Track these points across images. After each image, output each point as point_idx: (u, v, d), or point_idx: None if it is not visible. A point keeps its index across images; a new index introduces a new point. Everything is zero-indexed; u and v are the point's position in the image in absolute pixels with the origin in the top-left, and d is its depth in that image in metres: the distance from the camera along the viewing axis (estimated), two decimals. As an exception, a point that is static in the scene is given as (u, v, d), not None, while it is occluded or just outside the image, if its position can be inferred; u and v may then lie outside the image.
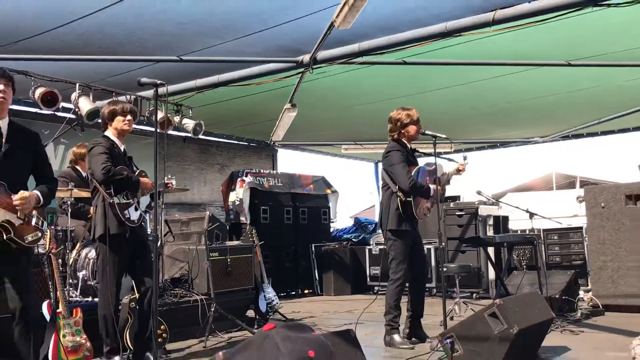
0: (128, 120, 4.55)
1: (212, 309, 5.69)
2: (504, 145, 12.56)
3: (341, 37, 6.10)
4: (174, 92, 7.43)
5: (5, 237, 3.34)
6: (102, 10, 5.35)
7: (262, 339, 1.65)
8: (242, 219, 9.16)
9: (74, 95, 6.67)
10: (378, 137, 10.94)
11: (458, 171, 5.35)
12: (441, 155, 5.12)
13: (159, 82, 3.77)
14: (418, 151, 5.35)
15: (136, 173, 4.63)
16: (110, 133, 4.56)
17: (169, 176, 4.98)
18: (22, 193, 3.44)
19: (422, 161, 5.42)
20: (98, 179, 4.34)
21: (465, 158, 5.45)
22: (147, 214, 5.11)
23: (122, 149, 4.59)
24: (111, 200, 4.33)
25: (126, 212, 4.41)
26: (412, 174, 5.04)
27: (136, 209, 4.52)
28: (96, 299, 5.32)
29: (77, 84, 6.69)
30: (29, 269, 3.57)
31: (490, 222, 8.53)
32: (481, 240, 6.60)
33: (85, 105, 6.62)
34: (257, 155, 12.20)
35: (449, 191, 6.51)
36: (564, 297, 6.33)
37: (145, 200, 4.69)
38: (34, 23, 5.65)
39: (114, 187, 4.38)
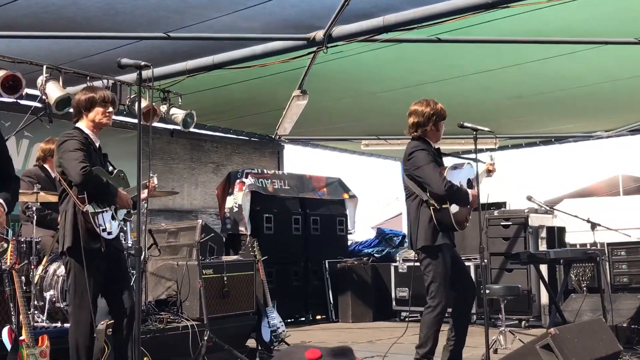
0: (109, 112, 4.55)
1: (205, 338, 5.70)
2: (559, 140, 12.50)
3: (362, 10, 6.11)
4: (161, 75, 7.48)
5: None
6: (75, -22, 5.42)
7: None
8: (242, 229, 9.18)
9: (40, 80, 6.74)
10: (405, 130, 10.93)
11: (488, 172, 5.33)
12: (460, 155, 5.10)
13: (142, 63, 3.80)
14: (444, 154, 5.33)
15: (113, 174, 4.63)
16: (83, 125, 4.56)
17: (150, 175, 4.96)
18: None
19: (445, 162, 5.40)
20: (75, 180, 4.32)
21: (492, 157, 5.43)
22: (128, 223, 5.10)
23: (97, 145, 4.60)
24: (84, 209, 4.32)
25: (101, 222, 4.41)
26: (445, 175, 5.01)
27: (113, 218, 4.52)
28: (66, 325, 5.36)
29: (45, 66, 6.75)
30: None
31: (543, 234, 8.48)
32: (532, 256, 6.56)
33: (54, 91, 6.68)
34: (260, 152, 12.24)
35: (492, 196, 6.51)
36: (633, 326, 6.29)
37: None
38: (-7, -7, 5.72)
39: (88, 193, 4.37)
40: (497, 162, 5.46)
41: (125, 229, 4.80)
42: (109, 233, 4.44)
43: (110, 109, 4.56)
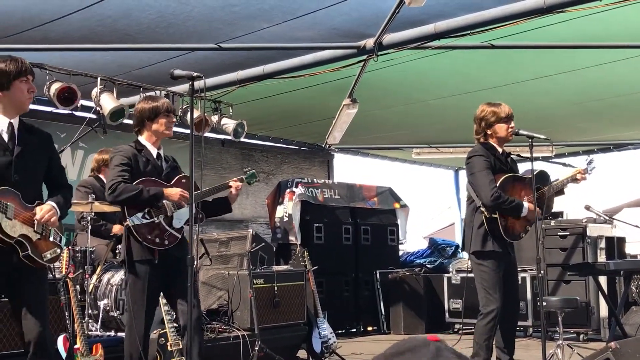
0: (172, 122, 4.56)
1: (256, 348, 5.75)
2: (618, 148, 12.23)
3: (413, 17, 6.10)
4: (212, 86, 7.57)
5: (21, 254, 3.50)
6: (128, -9, 5.54)
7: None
8: (292, 238, 9.23)
9: (94, 91, 6.91)
10: (458, 138, 10.84)
11: (575, 180, 5.23)
12: (551, 160, 5.02)
13: (195, 74, 3.86)
14: (520, 155, 5.26)
15: (173, 180, 4.55)
16: (143, 137, 4.55)
17: (247, 169, 4.94)
18: (43, 207, 3.61)
19: (523, 167, 5.31)
20: (107, 199, 4.43)
21: (590, 162, 5.29)
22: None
23: (154, 155, 4.56)
24: (125, 223, 4.36)
25: (151, 232, 4.37)
26: (499, 184, 4.95)
27: (170, 226, 4.47)
28: (120, 334, 5.48)
29: (99, 78, 6.92)
30: (45, 293, 3.73)
31: (602, 244, 8.31)
32: (591, 268, 6.44)
33: (108, 103, 6.83)
34: (310, 161, 12.29)
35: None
36: (698, 341, 6.09)
37: (186, 212, 4.53)
38: (48, 8, 5.88)
39: (129, 205, 4.38)
40: (595, 169, 5.30)
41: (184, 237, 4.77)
42: (161, 243, 4.41)
43: (173, 119, 4.59)
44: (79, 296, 5.31)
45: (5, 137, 3.57)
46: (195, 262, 3.95)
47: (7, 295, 3.62)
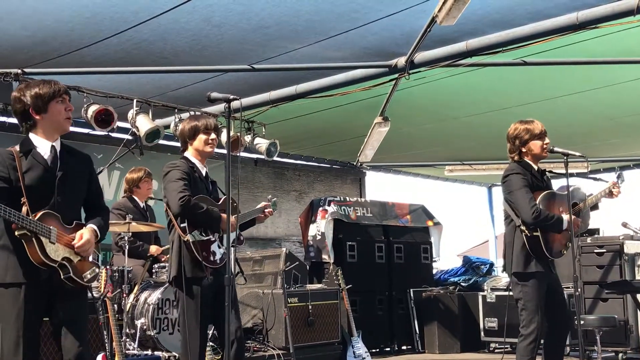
0: (212, 139, 4.56)
1: (291, 367, 5.78)
2: (655, 163, 12.07)
3: (444, 35, 6.13)
4: (245, 106, 7.60)
5: (63, 276, 3.57)
6: (163, 15, 5.66)
7: None
8: (325, 257, 9.24)
9: (131, 113, 7.04)
10: (491, 155, 10.80)
11: (610, 193, 5.20)
12: (582, 174, 5.00)
13: (231, 96, 3.91)
14: (552, 172, 5.23)
15: (220, 201, 4.60)
16: (190, 154, 4.62)
17: (269, 197, 5.01)
18: (83, 235, 3.64)
19: (556, 184, 5.30)
20: (173, 211, 4.37)
21: (619, 176, 5.27)
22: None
23: (203, 173, 4.63)
24: (185, 238, 4.34)
25: (206, 250, 4.38)
26: (538, 202, 4.93)
27: (219, 247, 4.49)
28: (157, 352, 5.56)
29: (135, 100, 7.05)
30: (85, 313, 3.79)
31: (640, 261, 8.20)
32: (629, 285, 6.36)
33: (144, 124, 6.96)
34: (342, 179, 12.32)
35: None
36: None
37: (232, 233, 4.58)
38: (86, 32, 6.03)
39: (189, 222, 4.39)
40: (625, 183, 5.30)
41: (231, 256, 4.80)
42: (214, 261, 4.39)
43: (213, 136, 4.56)
44: (117, 315, 5.39)
45: (49, 160, 3.63)
46: (231, 282, 3.96)
47: (47, 315, 3.67)
